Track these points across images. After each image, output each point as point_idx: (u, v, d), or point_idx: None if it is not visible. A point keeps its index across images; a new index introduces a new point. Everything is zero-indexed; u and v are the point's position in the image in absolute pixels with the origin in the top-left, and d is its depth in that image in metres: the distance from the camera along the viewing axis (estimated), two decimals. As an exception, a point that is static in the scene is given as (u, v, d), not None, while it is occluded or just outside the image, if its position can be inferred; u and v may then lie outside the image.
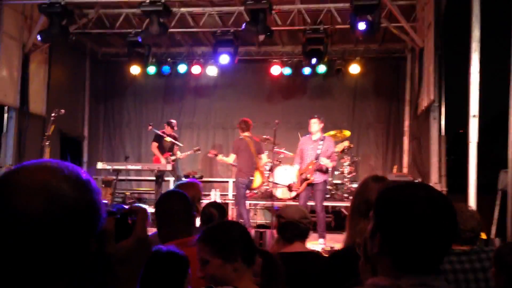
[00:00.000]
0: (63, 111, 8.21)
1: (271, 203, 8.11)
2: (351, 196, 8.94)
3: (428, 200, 1.31)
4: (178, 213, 2.70)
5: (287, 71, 10.84)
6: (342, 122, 11.04)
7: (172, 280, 2.01)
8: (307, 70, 10.67)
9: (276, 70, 10.80)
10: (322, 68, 10.30)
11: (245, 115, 11.43)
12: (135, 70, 10.57)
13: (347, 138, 9.75)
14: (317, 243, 7.17)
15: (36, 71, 9.66)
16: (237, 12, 9.21)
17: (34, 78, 9.54)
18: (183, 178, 9.50)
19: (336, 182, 9.83)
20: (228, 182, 10.69)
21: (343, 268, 2.11)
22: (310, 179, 7.43)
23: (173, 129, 9.75)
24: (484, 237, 4.98)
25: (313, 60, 9.41)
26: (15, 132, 9.10)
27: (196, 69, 10.98)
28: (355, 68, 10.63)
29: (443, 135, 8.11)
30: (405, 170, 10.57)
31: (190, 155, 9.80)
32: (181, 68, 11.04)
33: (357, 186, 2.40)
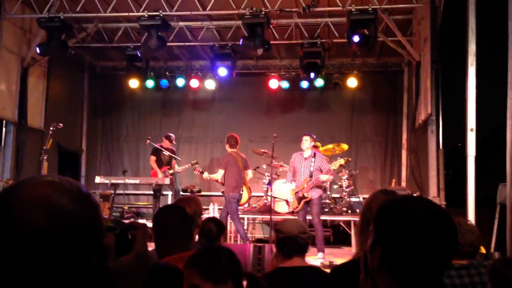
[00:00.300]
0: (61, 125, 8.22)
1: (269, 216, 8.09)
2: (350, 210, 8.89)
3: (428, 213, 1.31)
4: (176, 227, 2.69)
5: (285, 84, 10.88)
6: (340, 135, 11.07)
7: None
8: (305, 84, 10.72)
9: (274, 83, 10.84)
10: (319, 82, 10.34)
11: (243, 128, 11.54)
12: (133, 83, 10.61)
13: (345, 152, 9.77)
14: (316, 258, 7.14)
15: (34, 85, 9.68)
16: (235, 26, 9.29)
17: (32, 92, 9.56)
18: (181, 192, 9.49)
19: (335, 196, 9.82)
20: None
21: (345, 282, 2.10)
22: (307, 197, 7.47)
23: (171, 143, 9.75)
24: (483, 251, 4.96)
25: (311, 74, 9.47)
26: (13, 146, 9.09)
27: (194, 82, 11.01)
28: (352, 82, 10.68)
29: (441, 148, 8.12)
30: (403, 184, 10.56)
31: (188, 169, 9.79)
32: (179, 82, 11.08)
33: (366, 199, 2.39)
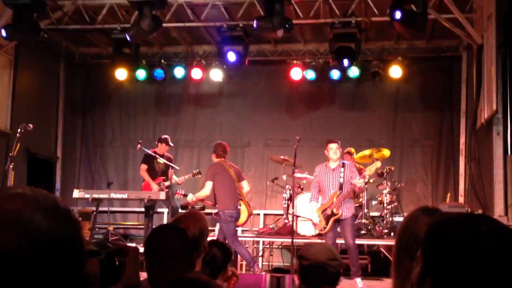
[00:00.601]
0: (31, 126, 8.30)
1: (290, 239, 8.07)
2: (393, 233, 8.86)
3: (493, 236, 1.29)
4: (173, 252, 2.70)
5: (311, 75, 10.86)
6: (380, 138, 11.04)
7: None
8: (335, 74, 10.69)
9: (297, 74, 10.83)
10: (354, 71, 10.33)
11: (257, 130, 11.57)
12: (121, 74, 10.70)
13: (386, 159, 9.72)
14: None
15: (-2, 77, 9.83)
16: (247, 2, 9.31)
17: (-5, 85, 9.71)
18: (180, 210, 9.52)
19: (373, 214, 9.77)
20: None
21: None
22: (337, 214, 7.49)
23: (168, 147, 9.80)
24: None
25: (344, 61, 9.45)
26: (-29, 152, 9.22)
27: (196, 73, 11.06)
28: (396, 71, 10.63)
29: (510, 155, 8.04)
30: (461, 199, 10.48)
31: (188, 180, 9.83)
32: (177, 72, 11.14)
33: (402, 220, 2.39)
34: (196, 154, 11.95)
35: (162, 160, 9.55)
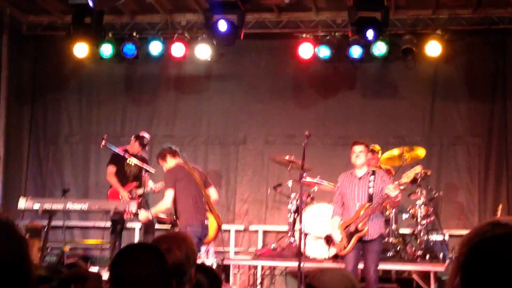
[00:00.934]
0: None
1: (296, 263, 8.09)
2: (429, 255, 8.92)
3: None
4: (147, 280, 2.71)
5: (325, 52, 10.87)
6: (413, 134, 11.09)
7: None
8: (356, 52, 10.70)
9: (307, 50, 10.85)
10: (381, 48, 10.36)
11: (256, 123, 11.55)
12: (81, 51, 10.72)
13: (421, 161, 9.72)
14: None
15: None
16: (244, -41, 9.32)
17: None
18: (156, 225, 9.50)
19: (404, 231, 9.78)
20: (229, 231, 10.70)
21: None
22: (362, 230, 7.48)
23: (143, 147, 9.76)
24: None
25: (367, 35, 9.45)
26: None
27: (178, 49, 11.06)
28: (434, 48, 10.64)
29: None
30: (516, 212, 10.51)
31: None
32: (154, 48, 11.15)
33: (467, 234, 2.40)
34: (177, 153, 11.95)
35: (134, 161, 9.53)
